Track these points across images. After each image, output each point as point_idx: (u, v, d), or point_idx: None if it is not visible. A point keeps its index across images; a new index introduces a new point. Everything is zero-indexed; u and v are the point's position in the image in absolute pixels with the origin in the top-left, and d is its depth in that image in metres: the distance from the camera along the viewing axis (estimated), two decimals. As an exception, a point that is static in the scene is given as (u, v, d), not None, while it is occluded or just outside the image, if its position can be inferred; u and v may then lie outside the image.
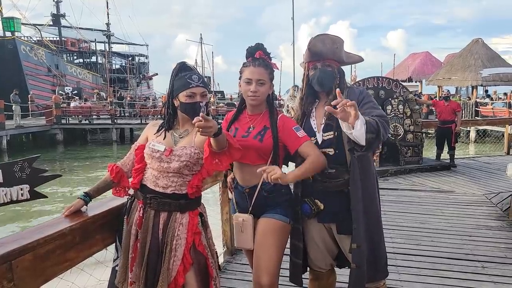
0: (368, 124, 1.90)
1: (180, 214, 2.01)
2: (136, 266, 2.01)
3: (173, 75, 2.05)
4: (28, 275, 1.59)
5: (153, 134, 2.12)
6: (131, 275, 2.02)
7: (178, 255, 1.96)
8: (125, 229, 2.08)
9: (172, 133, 2.08)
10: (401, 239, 4.47)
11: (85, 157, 18.60)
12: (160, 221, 2.01)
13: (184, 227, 2.00)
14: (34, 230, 1.76)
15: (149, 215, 2.03)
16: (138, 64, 50.78)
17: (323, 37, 2.20)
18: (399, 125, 8.37)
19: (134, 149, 2.15)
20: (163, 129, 2.09)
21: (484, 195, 6.51)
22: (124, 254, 2.06)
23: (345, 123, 1.89)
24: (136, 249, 2.03)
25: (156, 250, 1.99)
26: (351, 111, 1.82)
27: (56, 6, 42.47)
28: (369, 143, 1.93)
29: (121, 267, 2.06)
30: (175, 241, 1.97)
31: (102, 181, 2.11)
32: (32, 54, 31.40)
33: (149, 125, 2.22)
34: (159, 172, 2.01)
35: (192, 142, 2.03)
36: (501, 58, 21.98)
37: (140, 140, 2.17)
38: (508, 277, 3.51)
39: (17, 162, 2.25)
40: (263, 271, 2.11)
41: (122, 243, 2.07)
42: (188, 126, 2.08)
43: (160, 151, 2.00)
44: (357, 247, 2.10)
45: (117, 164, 2.14)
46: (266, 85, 2.14)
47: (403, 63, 32.39)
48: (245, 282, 3.40)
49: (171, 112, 2.09)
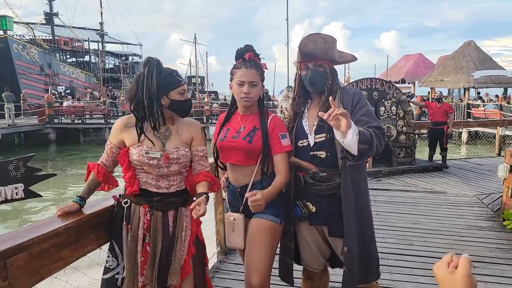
0: (361, 135, 1.88)
1: (184, 208, 2.08)
2: (148, 268, 2.00)
3: (156, 72, 1.93)
4: (23, 274, 1.60)
5: (131, 138, 2.02)
6: (143, 279, 2.00)
7: (185, 245, 2.04)
8: (125, 235, 2.03)
9: (156, 135, 2.02)
10: (394, 239, 4.50)
11: (78, 157, 18.48)
12: (170, 219, 2.04)
13: (189, 218, 2.06)
14: (29, 229, 1.76)
15: (156, 217, 2.03)
16: (131, 63, 50.62)
17: (315, 37, 2.15)
18: (392, 126, 8.43)
19: (112, 151, 2.07)
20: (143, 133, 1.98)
21: (475, 196, 6.57)
22: (129, 260, 2.01)
23: (338, 132, 1.87)
24: (145, 252, 2.01)
25: (168, 247, 2.01)
26: (342, 120, 1.81)
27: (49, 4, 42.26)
28: (362, 153, 1.92)
29: (128, 272, 2.01)
30: (184, 233, 2.04)
31: (91, 182, 2.08)
32: (24, 53, 31.14)
33: (120, 125, 2.06)
34: (158, 176, 2.02)
35: (180, 141, 2.05)
36: (493, 61, 22.17)
37: (115, 141, 2.06)
38: (498, 277, 3.56)
39: (11, 161, 2.24)
40: (254, 271, 2.11)
41: (127, 248, 2.02)
42: (169, 124, 2.07)
43: (157, 158, 1.97)
44: (348, 250, 2.10)
45: (100, 164, 2.08)
46: (258, 86, 2.15)
47: (396, 65, 32.54)
48: (239, 282, 3.40)
49: (148, 110, 1.94)
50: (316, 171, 2.15)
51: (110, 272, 2.06)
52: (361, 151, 1.91)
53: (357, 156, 1.93)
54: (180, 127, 2.07)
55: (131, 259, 2.01)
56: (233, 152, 2.15)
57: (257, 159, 2.14)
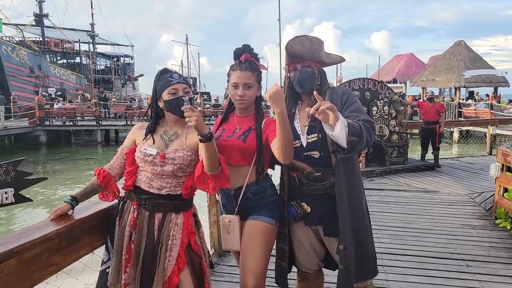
0: (350, 127, 1.88)
1: (175, 214, 2.02)
2: (131, 267, 2.00)
3: (155, 80, 2.07)
4: (14, 280, 1.56)
5: (141, 137, 2.10)
6: (126, 276, 2.00)
7: (173, 255, 1.97)
8: (117, 230, 2.06)
9: (162, 136, 2.07)
10: (388, 239, 4.52)
11: (69, 159, 18.34)
12: (155, 221, 2.01)
13: (179, 227, 2.01)
14: (20, 234, 1.72)
15: (143, 216, 2.02)
16: (123, 65, 50.32)
17: (301, 39, 2.17)
18: (385, 126, 8.46)
19: (122, 153, 2.13)
20: (150, 133, 2.08)
21: (468, 194, 6.62)
22: (117, 255, 2.04)
23: (327, 125, 1.89)
24: (130, 250, 2.02)
25: (151, 251, 1.99)
26: (330, 113, 1.82)
27: (39, 6, 41.84)
28: (352, 146, 1.92)
29: (114, 268, 2.04)
30: (170, 241, 1.98)
31: (89, 185, 2.08)
32: (13, 55, 30.88)
33: (135, 127, 2.21)
34: (153, 174, 2.01)
35: (183, 144, 2.02)
36: (483, 60, 22.36)
37: (127, 143, 2.15)
38: (491, 275, 3.57)
39: (1, 165, 2.20)
40: (249, 274, 2.10)
41: (115, 244, 2.05)
42: (177, 128, 2.07)
43: (152, 155, 1.99)
44: (344, 248, 2.10)
45: (104, 168, 2.11)
46: (253, 88, 2.13)
47: (388, 65, 32.71)
48: (233, 284, 3.39)
49: (154, 115, 2.09)
50: (311, 171, 2.15)
51: (104, 265, 2.11)
52: (351, 144, 1.91)
53: (347, 149, 1.94)
54: (189, 131, 2.04)
55: (118, 255, 2.04)
56: (227, 151, 2.13)
57: (251, 160, 2.12)
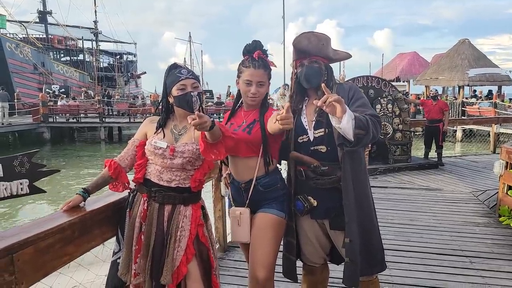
0: (357, 120, 1.89)
1: (183, 206, 2.07)
2: (141, 257, 2.04)
3: (165, 76, 2.09)
4: (29, 269, 1.60)
5: (152, 131, 2.14)
6: (136, 267, 2.04)
7: (182, 245, 2.01)
8: (128, 222, 2.10)
9: (172, 130, 2.11)
10: (391, 235, 4.54)
11: (73, 156, 18.41)
12: (165, 213, 2.05)
13: (187, 219, 2.05)
14: (34, 224, 1.76)
15: (153, 208, 2.06)
16: (126, 62, 50.28)
17: (308, 35, 2.19)
18: (388, 124, 8.48)
19: (133, 145, 2.16)
20: (161, 127, 2.12)
21: (471, 192, 6.63)
22: (127, 246, 2.08)
23: (334, 118, 1.89)
24: (140, 241, 2.05)
25: (161, 242, 2.03)
26: (337, 105, 1.82)
27: (42, 3, 41.81)
28: (358, 139, 1.93)
29: (124, 259, 2.08)
30: (179, 233, 2.02)
31: (100, 177, 2.11)
32: (17, 52, 30.90)
33: (147, 120, 2.24)
34: (163, 167, 2.05)
35: (192, 138, 2.06)
36: (487, 59, 22.28)
37: (138, 136, 2.19)
38: (494, 271, 3.59)
39: (16, 156, 2.23)
40: (259, 266, 2.13)
41: (125, 235, 2.09)
42: (186, 123, 2.09)
43: (162, 148, 2.03)
44: (350, 241, 2.12)
45: (115, 159, 2.14)
46: (265, 86, 2.18)
47: (391, 63, 32.62)
48: (238, 278, 3.43)
49: (164, 110, 2.13)
50: (318, 165, 2.18)
51: (115, 255, 2.15)
52: (357, 137, 1.92)
53: (354, 142, 1.94)
54: None
55: (129, 246, 2.08)
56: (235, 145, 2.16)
57: (258, 152, 2.16)
